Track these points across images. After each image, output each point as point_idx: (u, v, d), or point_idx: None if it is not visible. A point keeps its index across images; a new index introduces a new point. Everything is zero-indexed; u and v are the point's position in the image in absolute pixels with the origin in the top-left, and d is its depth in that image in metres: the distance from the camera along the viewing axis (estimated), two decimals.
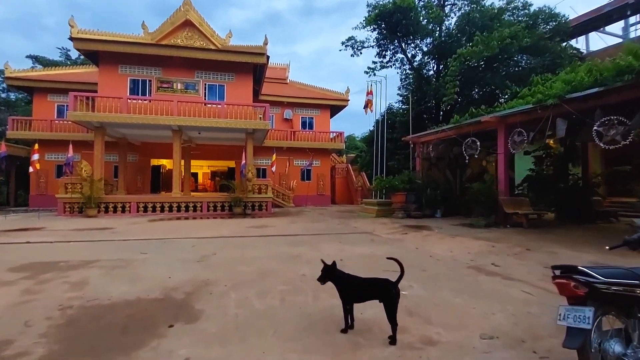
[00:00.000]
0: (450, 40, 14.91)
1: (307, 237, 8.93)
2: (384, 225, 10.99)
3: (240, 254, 6.49)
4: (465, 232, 9.04)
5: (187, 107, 16.03)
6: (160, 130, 16.57)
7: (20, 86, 21.35)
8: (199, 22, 19.73)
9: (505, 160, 10.41)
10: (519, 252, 6.33)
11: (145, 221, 12.85)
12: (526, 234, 8.50)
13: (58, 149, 19.64)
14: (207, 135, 18.18)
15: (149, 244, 7.74)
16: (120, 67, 16.89)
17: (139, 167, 21.92)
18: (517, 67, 13.41)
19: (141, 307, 3.66)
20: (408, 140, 14.51)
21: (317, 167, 24.18)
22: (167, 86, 17.28)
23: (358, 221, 12.66)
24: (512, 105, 9.91)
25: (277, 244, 7.69)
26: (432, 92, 14.63)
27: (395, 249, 7.02)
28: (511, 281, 4.59)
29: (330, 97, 25.62)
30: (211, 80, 18.07)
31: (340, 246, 7.39)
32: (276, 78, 26.98)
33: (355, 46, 16.85)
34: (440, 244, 7.38)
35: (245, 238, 8.72)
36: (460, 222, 11.31)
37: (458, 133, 11.73)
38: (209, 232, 9.84)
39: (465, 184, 14.36)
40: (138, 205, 15.60)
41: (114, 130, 17.06)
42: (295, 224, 11.99)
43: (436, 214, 13.16)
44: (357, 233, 9.67)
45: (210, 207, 16.30)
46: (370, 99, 15.02)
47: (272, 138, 22.92)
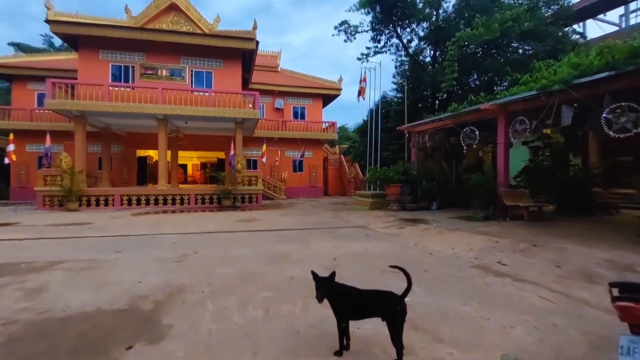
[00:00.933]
0: (448, 25, 14.23)
1: (298, 232, 8.41)
2: (378, 219, 10.52)
3: (224, 252, 5.94)
4: (464, 225, 8.60)
5: (172, 95, 15.26)
6: (145, 120, 15.77)
7: None
8: (185, 5, 18.80)
9: (506, 151, 9.96)
10: (525, 249, 5.89)
11: (128, 215, 12.19)
12: (528, 228, 8.09)
13: (39, 140, 18.60)
14: (195, 125, 17.43)
15: (126, 241, 7.15)
16: (101, 52, 15.97)
17: (124, 158, 21.08)
18: (517, 52, 12.86)
19: (100, 321, 3.11)
20: (403, 130, 13.98)
21: (309, 158, 23.60)
22: (152, 73, 16.43)
23: (351, 214, 12.18)
24: (514, 92, 9.42)
25: (265, 240, 7.16)
26: (429, 79, 14.00)
27: (392, 246, 6.54)
28: (523, 283, 4.13)
29: (323, 86, 24.90)
30: (198, 67, 17.24)
31: (332, 242, 6.89)
32: (266, 66, 26.15)
33: (348, 31, 16.07)
34: (440, 240, 6.91)
35: (232, 233, 8.17)
36: (457, 214, 10.89)
37: (456, 122, 11.23)
38: (194, 226, 9.27)
39: (462, 175, 13.93)
40: (122, 198, 14.89)
41: (96, 120, 16.21)
42: (285, 218, 11.46)
43: (432, 206, 12.74)
44: (351, 227, 9.17)
45: (198, 199, 15.66)
46: (363, 86, 14.39)
47: (262, 128, 22.23)
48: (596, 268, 4.72)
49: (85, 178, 15.17)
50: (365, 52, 15.84)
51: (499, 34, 11.26)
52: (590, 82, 7.28)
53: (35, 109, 19.22)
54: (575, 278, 4.33)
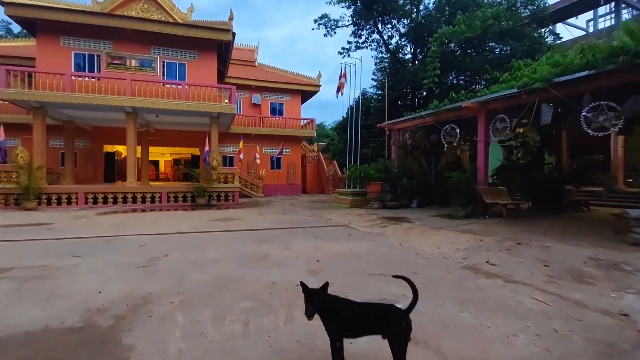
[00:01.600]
0: (429, 21, 14.20)
1: (277, 231, 8.02)
2: (360, 217, 10.29)
3: (197, 255, 5.47)
4: (447, 224, 8.51)
5: (142, 87, 14.38)
6: (112, 113, 14.79)
7: None
8: None
9: (486, 149, 9.98)
10: (511, 247, 5.80)
11: (92, 215, 11.34)
12: (509, 225, 8.10)
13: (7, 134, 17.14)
14: (167, 119, 16.56)
15: (88, 243, 6.51)
16: (62, 38, 14.79)
17: (90, 153, 19.81)
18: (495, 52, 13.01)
19: (45, 343, 2.62)
20: (384, 127, 13.83)
21: (287, 156, 23.15)
22: (119, 62, 15.42)
23: (332, 212, 11.90)
24: (495, 89, 9.43)
25: (243, 241, 6.73)
26: (410, 76, 13.90)
27: (377, 245, 6.29)
28: (516, 285, 3.97)
29: (302, 82, 24.46)
30: (170, 58, 16.36)
31: (314, 242, 6.56)
32: (243, 60, 25.41)
33: (328, 25, 15.72)
34: (425, 239, 6.74)
35: (207, 234, 7.67)
36: (438, 212, 10.84)
37: (436, 119, 11.17)
38: (166, 227, 8.67)
39: (443, 173, 13.97)
40: (86, 196, 13.89)
41: (58, 112, 15.05)
42: (263, 216, 11.02)
43: (412, 204, 12.68)
44: (332, 226, 8.89)
45: (171, 198, 14.88)
46: (343, 82, 14.12)
47: (239, 124, 21.56)
48: (584, 267, 4.65)
49: (45, 175, 14.06)
50: (347, 47, 15.54)
51: (479, 32, 11.31)
52: (570, 81, 7.32)
53: None
54: (566, 278, 4.22)
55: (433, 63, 11.57)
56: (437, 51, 11.52)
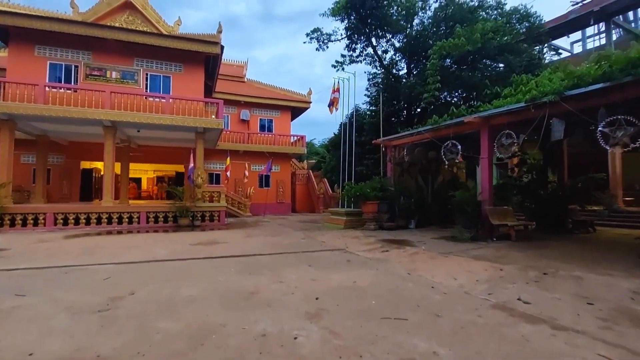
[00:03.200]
0: (424, 36, 13.91)
1: (267, 257, 7.13)
2: (357, 240, 9.48)
3: (170, 291, 4.54)
4: (454, 248, 7.77)
5: (123, 100, 13.51)
6: (90, 127, 13.80)
7: None
8: (142, 4, 17.31)
9: (490, 166, 9.42)
10: (538, 279, 5.07)
11: (59, 238, 10.19)
12: (522, 250, 7.41)
13: None
14: (149, 134, 15.62)
15: (42, 275, 5.48)
16: (37, 48, 13.88)
17: (66, 170, 18.57)
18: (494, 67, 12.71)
19: None
20: (379, 144, 13.24)
21: (276, 173, 22.35)
22: (99, 74, 14.55)
23: (325, 234, 11.05)
24: (499, 104, 8.95)
25: (227, 271, 5.81)
26: (407, 91, 13.40)
27: (383, 275, 5.47)
28: (567, 333, 3.20)
29: (292, 98, 23.98)
30: (154, 70, 15.58)
31: (310, 272, 5.70)
32: (232, 75, 24.90)
33: (321, 39, 15.32)
34: (436, 267, 5.96)
35: (186, 262, 6.71)
36: (439, 234, 10.13)
37: (436, 136, 10.63)
38: (140, 252, 7.67)
39: (440, 192, 13.37)
40: (56, 216, 12.69)
41: (29, 125, 13.96)
42: (251, 239, 10.09)
43: (410, 224, 11.96)
44: (328, 250, 8.03)
45: (151, 218, 13.78)
46: (336, 96, 13.58)
47: (227, 140, 20.77)
48: (634, 305, 3.94)
49: (10, 193, 12.84)
50: (340, 60, 15.08)
51: (479, 46, 10.99)
52: (583, 94, 6.86)
53: None
54: (621, 321, 3.48)
55: (433, 76, 11.14)
56: (437, 64, 11.13)
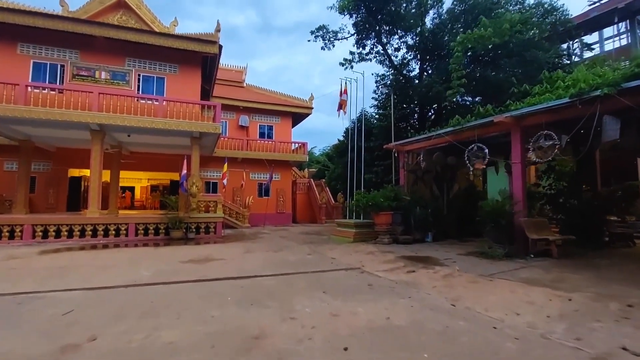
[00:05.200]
0: (440, 32, 12.93)
1: (271, 280, 5.94)
2: (372, 256, 8.29)
3: (145, 336, 3.35)
4: (492, 267, 6.61)
5: (112, 102, 12.43)
6: (76, 131, 12.69)
7: None
8: (136, 4, 16.38)
9: (523, 172, 8.31)
10: (625, 313, 3.91)
11: (33, 253, 8.96)
12: (575, 270, 6.25)
13: None
14: (141, 139, 14.50)
15: None
16: (20, 45, 12.85)
17: (53, 178, 17.37)
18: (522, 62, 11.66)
19: None
20: (391, 148, 12.14)
21: (276, 182, 21.18)
22: (87, 74, 13.49)
23: (334, 249, 9.86)
24: (535, 101, 7.89)
25: (222, 301, 4.62)
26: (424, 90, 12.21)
27: (422, 308, 4.28)
28: None
29: (292, 104, 23.02)
30: (147, 71, 14.55)
31: (327, 302, 4.52)
32: (231, 80, 23.96)
33: (326, 37, 14.33)
34: (484, 295, 4.78)
35: (172, 287, 5.51)
36: (464, 249, 8.96)
37: (457, 139, 9.55)
38: (120, 274, 6.46)
39: (455, 201, 12.26)
40: (35, 228, 11.48)
41: (10, 129, 12.82)
42: (251, 255, 8.89)
43: (427, 237, 10.80)
44: (341, 270, 6.85)
45: (140, 230, 12.57)
46: (344, 99, 12.54)
47: (225, 147, 19.69)
48: None
49: None
50: (349, 58, 14.02)
51: (507, 38, 9.98)
52: None
53: None
54: None
55: (458, 71, 10.06)
56: (461, 58, 10.08)
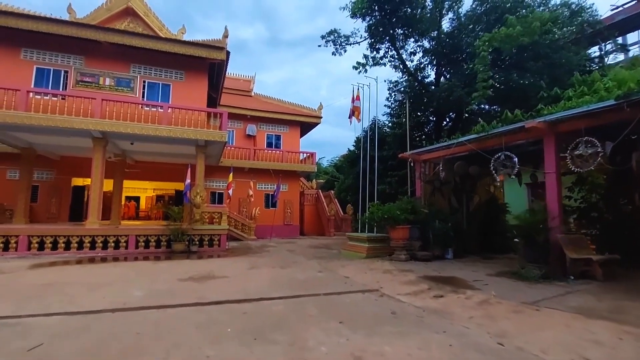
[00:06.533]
0: (459, 34, 12.25)
1: (278, 305, 5.18)
2: (390, 276, 7.48)
3: None
4: (533, 292, 5.76)
5: (115, 109, 11.99)
6: (79, 138, 12.25)
7: None
8: (144, 11, 16.14)
9: (558, 183, 7.48)
10: None
11: (23, 268, 8.34)
12: (631, 297, 5.38)
13: None
14: (146, 148, 14.02)
15: None
16: (23, 50, 12.56)
17: (55, 188, 16.98)
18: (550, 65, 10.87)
19: None
20: (407, 158, 11.40)
21: (284, 193, 20.52)
22: (91, 80, 13.12)
23: (346, 265, 9.07)
24: (568, 106, 7.14)
25: (220, 334, 3.87)
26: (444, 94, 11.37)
27: (461, 346, 3.48)
28: None
29: (301, 113, 22.52)
30: (153, 78, 14.15)
31: (346, 338, 3.74)
32: (238, 89, 23.61)
33: (338, 41, 13.77)
34: (535, 330, 3.96)
35: (165, 312, 4.79)
36: (492, 269, 8.10)
37: (481, 147, 8.78)
38: (110, 293, 5.77)
39: (476, 214, 11.42)
40: (30, 239, 10.92)
41: (10, 136, 12.44)
42: (257, 272, 8.15)
43: (447, 254, 9.94)
44: (358, 292, 6.06)
45: (141, 242, 11.94)
46: (357, 105, 11.92)
47: (231, 157, 19.17)
48: None
49: None
50: (362, 62, 13.36)
51: (536, 37, 9.27)
52: None
53: None
54: None
55: (485, 72, 9.31)
56: (487, 59, 9.35)
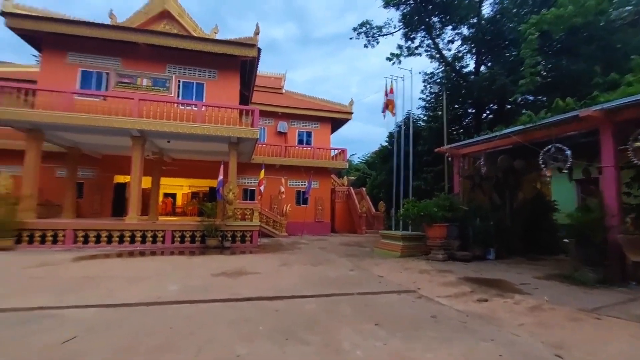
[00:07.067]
0: (502, 19, 11.39)
1: (310, 303, 4.99)
2: (427, 276, 7.08)
3: None
4: (590, 298, 5.18)
5: (152, 108, 12.38)
6: (118, 137, 12.80)
7: None
8: (179, 13, 16.55)
9: (617, 179, 6.73)
10: None
11: (68, 260, 8.77)
12: None
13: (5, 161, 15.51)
14: (181, 146, 14.43)
15: None
16: (69, 55, 13.25)
17: (98, 185, 17.92)
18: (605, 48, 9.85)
19: None
20: (444, 152, 10.83)
21: (315, 190, 20.38)
22: (129, 81, 13.64)
23: (379, 264, 8.74)
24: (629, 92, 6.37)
25: (252, 331, 3.74)
26: (484, 85, 10.67)
27: (511, 356, 3.10)
28: None
29: (332, 109, 22.26)
30: (187, 77, 14.48)
31: (383, 342, 3.47)
32: (270, 87, 23.73)
33: (370, 33, 13.33)
34: (594, 341, 3.48)
35: (198, 307, 4.75)
36: (541, 271, 7.46)
37: (528, 139, 8.11)
38: (146, 287, 5.86)
39: (520, 212, 10.65)
40: (76, 233, 11.51)
41: (58, 136, 13.21)
42: (288, 269, 8.03)
43: (488, 254, 9.32)
44: (393, 293, 5.75)
45: (176, 237, 12.25)
46: (391, 98, 11.47)
47: (262, 154, 19.30)
48: None
49: (35, 206, 11.94)
50: (396, 52, 12.80)
51: (591, 18, 8.40)
52: None
53: None
54: None
55: (533, 57, 8.53)
56: (535, 42, 8.57)
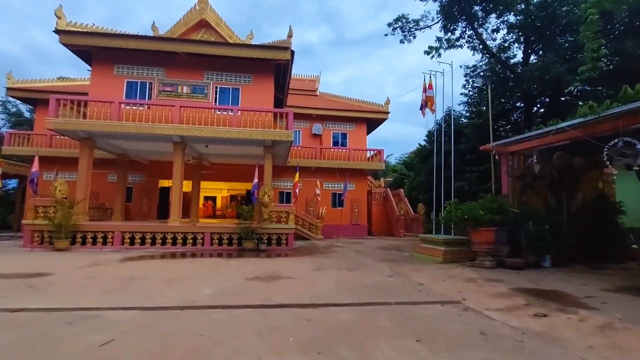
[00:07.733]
0: (555, 1, 10.27)
1: (345, 313, 4.70)
2: (474, 286, 6.50)
3: None
4: None
5: (192, 114, 12.77)
6: (162, 144, 13.38)
7: (23, 97, 19.37)
8: (216, 22, 17.02)
9: None
10: None
11: (116, 261, 9.19)
12: None
13: (61, 168, 16.87)
14: (219, 150, 14.78)
15: (32, 326, 3.88)
16: (116, 67, 14.07)
17: (145, 189, 18.96)
18: None
19: None
20: (489, 150, 10.04)
21: (351, 192, 20.00)
22: (171, 90, 14.19)
23: (420, 270, 8.23)
24: None
25: (282, 344, 3.53)
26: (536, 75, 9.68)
27: None
28: None
29: (367, 109, 21.81)
30: (223, 83, 14.82)
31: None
32: (304, 89, 23.75)
33: (406, 27, 12.75)
34: None
35: (231, 312, 4.64)
36: (609, 283, 6.60)
37: (589, 133, 7.24)
38: (183, 289, 5.89)
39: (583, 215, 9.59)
40: (123, 235, 12.11)
41: (108, 144, 14.07)
42: (323, 274, 7.79)
43: (544, 261, 8.45)
44: (436, 304, 5.30)
45: (215, 240, 12.49)
46: (430, 95, 10.86)
47: (298, 156, 19.30)
48: None
49: (87, 209, 12.75)
50: (435, 45, 12.00)
51: None
52: None
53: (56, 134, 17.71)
54: None
55: (595, 40, 7.57)
56: (597, 22, 7.61)
